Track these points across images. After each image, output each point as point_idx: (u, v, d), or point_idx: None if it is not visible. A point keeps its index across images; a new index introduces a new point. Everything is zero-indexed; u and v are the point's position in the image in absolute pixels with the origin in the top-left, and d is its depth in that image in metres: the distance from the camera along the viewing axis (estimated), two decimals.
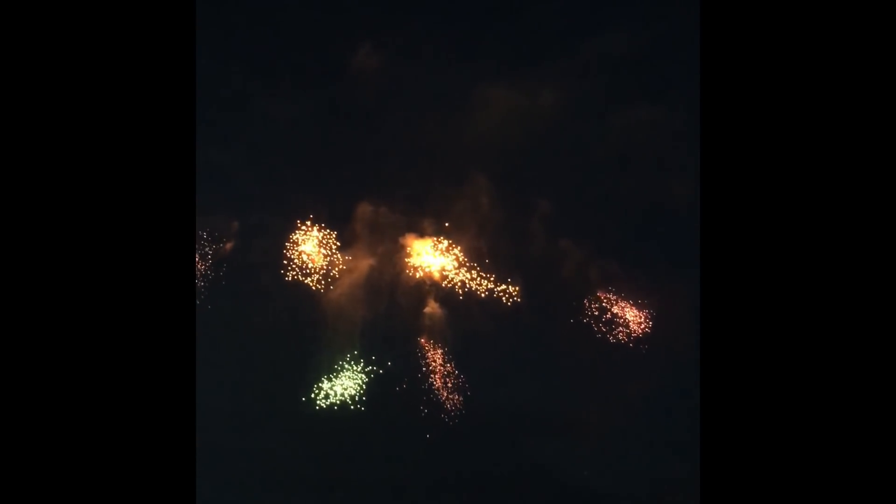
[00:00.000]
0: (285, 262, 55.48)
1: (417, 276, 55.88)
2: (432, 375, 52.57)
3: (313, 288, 54.99)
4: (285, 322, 54.86)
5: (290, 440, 50.77)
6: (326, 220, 56.68)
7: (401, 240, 57.04)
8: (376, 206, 57.13)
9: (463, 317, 55.16)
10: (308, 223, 56.24)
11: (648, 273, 53.60)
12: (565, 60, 56.68)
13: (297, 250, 55.84)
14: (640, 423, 50.33)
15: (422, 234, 56.93)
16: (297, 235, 56.17)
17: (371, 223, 57.04)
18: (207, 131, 56.15)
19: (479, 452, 51.50)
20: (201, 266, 54.80)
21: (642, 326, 53.15)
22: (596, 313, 53.89)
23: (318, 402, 51.71)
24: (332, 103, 58.69)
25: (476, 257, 55.52)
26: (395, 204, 57.51)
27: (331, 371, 52.35)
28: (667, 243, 52.77)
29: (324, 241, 56.28)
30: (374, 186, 57.61)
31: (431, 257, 55.88)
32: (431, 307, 55.95)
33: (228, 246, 56.57)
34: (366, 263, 56.75)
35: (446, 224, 56.35)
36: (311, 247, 56.07)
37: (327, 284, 55.23)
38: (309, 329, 54.48)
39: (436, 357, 53.36)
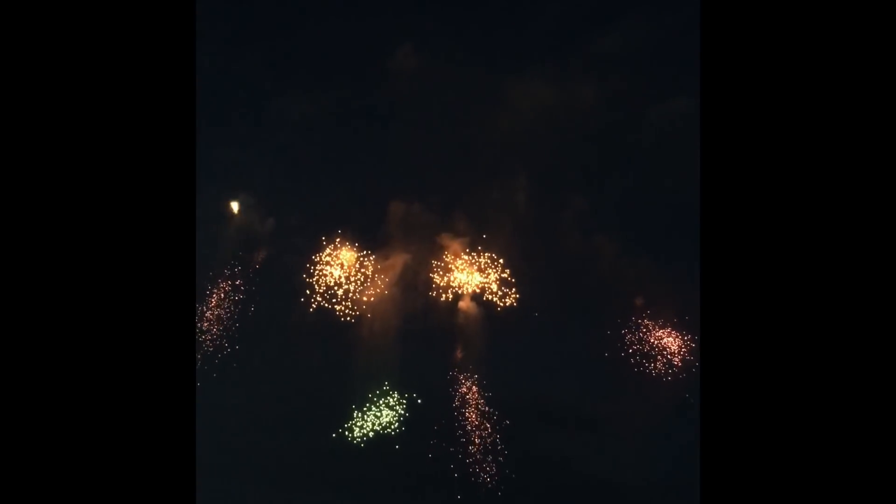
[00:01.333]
0: (308, 291, 54.44)
1: (445, 297, 55.43)
2: (466, 422, 51.65)
3: (342, 320, 53.98)
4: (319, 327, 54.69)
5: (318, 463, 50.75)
6: (359, 221, 56.70)
7: (437, 239, 56.88)
8: (409, 203, 57.10)
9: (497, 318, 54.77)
10: (336, 242, 55.72)
11: (684, 271, 52.43)
12: (598, 52, 56.20)
13: (323, 273, 54.75)
14: (670, 424, 49.65)
15: (456, 233, 56.69)
16: (324, 256, 55.21)
17: (404, 221, 57.00)
18: (244, 133, 57.50)
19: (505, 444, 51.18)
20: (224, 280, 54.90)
21: (682, 352, 51.89)
22: (635, 346, 52.65)
23: (353, 436, 51.39)
24: (365, 103, 58.90)
25: (510, 261, 54.95)
26: (428, 202, 57.44)
27: (365, 399, 51.94)
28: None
29: (354, 264, 55.22)
30: (406, 184, 57.62)
31: (467, 274, 55.21)
32: (466, 303, 55.59)
33: (260, 256, 56.80)
34: (400, 261, 56.58)
35: (483, 236, 55.85)
36: (338, 270, 54.98)
37: (360, 311, 54.23)
38: (344, 333, 54.28)
39: (472, 393, 52.24)
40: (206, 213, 55.76)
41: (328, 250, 55.23)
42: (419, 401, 51.74)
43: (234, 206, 56.85)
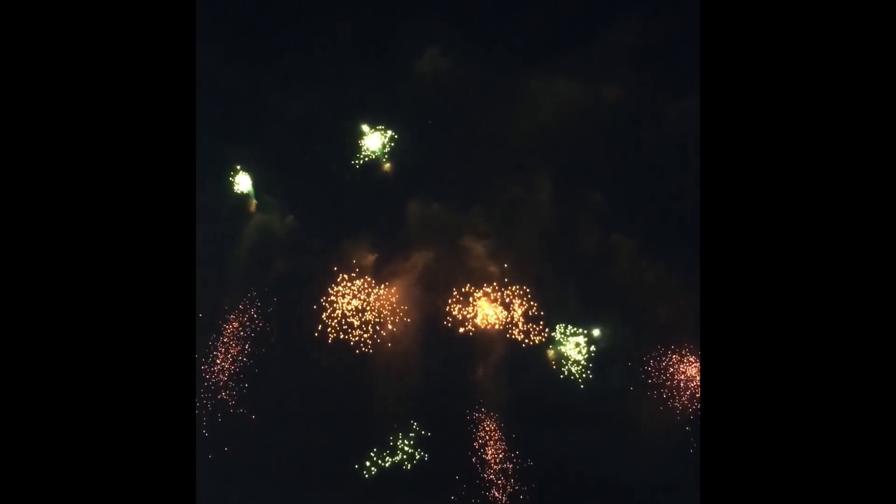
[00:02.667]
0: (320, 326, 53.74)
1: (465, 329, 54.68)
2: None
3: (357, 351, 53.27)
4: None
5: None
6: (378, 222, 56.42)
7: (459, 241, 56.32)
8: (427, 204, 56.80)
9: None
10: (355, 272, 54.84)
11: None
12: (617, 47, 55.51)
13: (338, 304, 53.96)
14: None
15: (478, 234, 56.09)
16: (339, 288, 54.47)
17: (423, 222, 56.62)
18: (263, 133, 57.58)
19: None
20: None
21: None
22: (659, 381, 50.93)
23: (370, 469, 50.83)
24: (385, 103, 58.72)
25: (537, 290, 54.14)
26: (448, 202, 57.10)
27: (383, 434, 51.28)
28: None
29: (366, 291, 54.45)
30: (424, 184, 57.39)
31: (492, 310, 54.29)
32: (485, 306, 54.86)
33: (279, 267, 56.74)
34: (420, 261, 56.14)
35: (505, 265, 54.94)
36: (355, 301, 54.24)
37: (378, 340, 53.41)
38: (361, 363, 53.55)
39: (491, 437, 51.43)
40: (224, 212, 56.30)
41: (342, 278, 54.89)
42: (434, 434, 51.37)
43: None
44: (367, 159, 57.27)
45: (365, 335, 53.17)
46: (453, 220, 56.61)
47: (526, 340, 53.17)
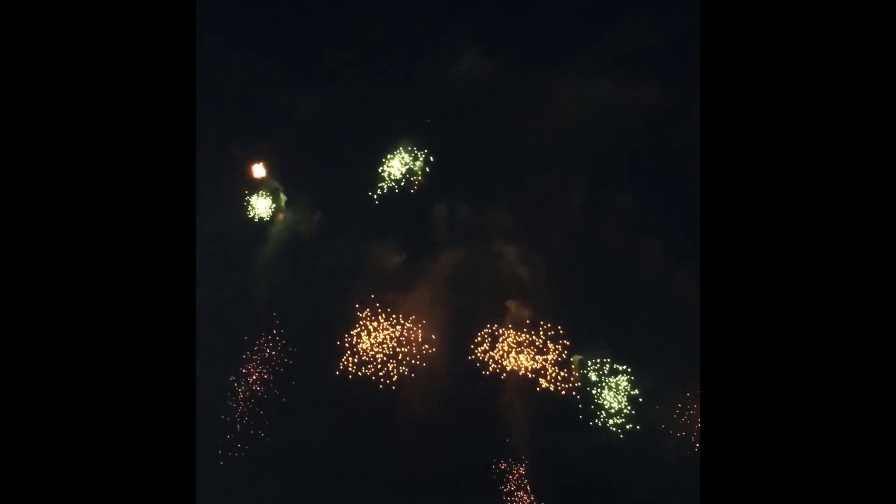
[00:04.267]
0: (342, 364, 53.32)
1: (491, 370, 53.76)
2: None
3: (380, 386, 52.68)
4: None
5: None
6: (404, 224, 56.21)
7: (487, 244, 55.89)
8: (453, 205, 56.50)
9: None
10: (377, 313, 54.28)
11: None
12: (641, 49, 54.99)
13: (361, 341, 53.35)
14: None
15: (508, 239, 55.68)
16: (358, 329, 53.77)
17: (450, 224, 56.37)
18: (285, 131, 57.61)
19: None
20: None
21: None
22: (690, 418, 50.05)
23: None
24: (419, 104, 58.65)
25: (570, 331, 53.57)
26: (474, 202, 56.78)
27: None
28: None
29: (388, 330, 53.70)
30: (450, 186, 57.13)
31: (522, 354, 53.54)
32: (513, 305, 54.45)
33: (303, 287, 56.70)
34: (450, 263, 55.89)
35: (526, 308, 54.34)
36: (375, 340, 53.62)
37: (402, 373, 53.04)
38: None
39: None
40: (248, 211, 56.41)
41: (365, 315, 54.52)
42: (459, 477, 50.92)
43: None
44: (387, 189, 56.81)
45: (390, 368, 52.93)
46: (481, 222, 56.34)
47: (552, 388, 52.37)
